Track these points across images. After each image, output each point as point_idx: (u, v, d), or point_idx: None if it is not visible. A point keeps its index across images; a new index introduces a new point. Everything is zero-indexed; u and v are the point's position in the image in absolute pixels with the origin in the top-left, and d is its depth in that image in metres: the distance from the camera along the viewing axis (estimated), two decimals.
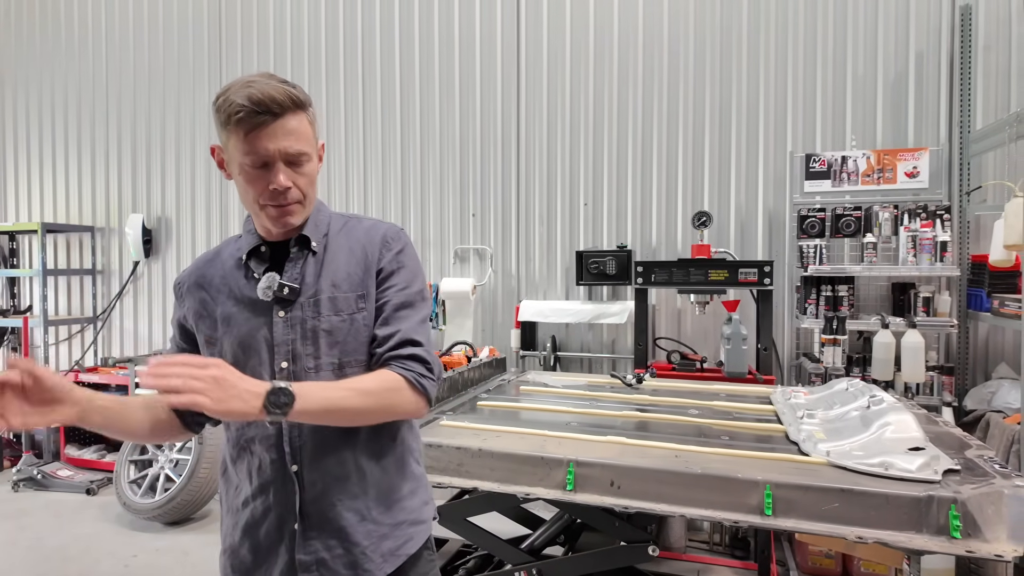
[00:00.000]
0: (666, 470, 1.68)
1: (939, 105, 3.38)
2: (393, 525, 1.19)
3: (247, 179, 1.10)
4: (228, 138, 1.09)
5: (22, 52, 5.30)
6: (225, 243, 1.28)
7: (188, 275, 1.25)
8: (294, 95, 1.09)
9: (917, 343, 2.96)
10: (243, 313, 1.17)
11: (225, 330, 1.17)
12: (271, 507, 1.16)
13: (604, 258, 3.68)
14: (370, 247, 1.21)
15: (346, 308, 1.17)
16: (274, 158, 1.08)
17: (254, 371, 1.12)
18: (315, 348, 1.15)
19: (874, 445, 1.75)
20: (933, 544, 1.45)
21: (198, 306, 1.20)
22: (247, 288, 1.18)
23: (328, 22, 4.50)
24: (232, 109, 1.05)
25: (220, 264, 1.22)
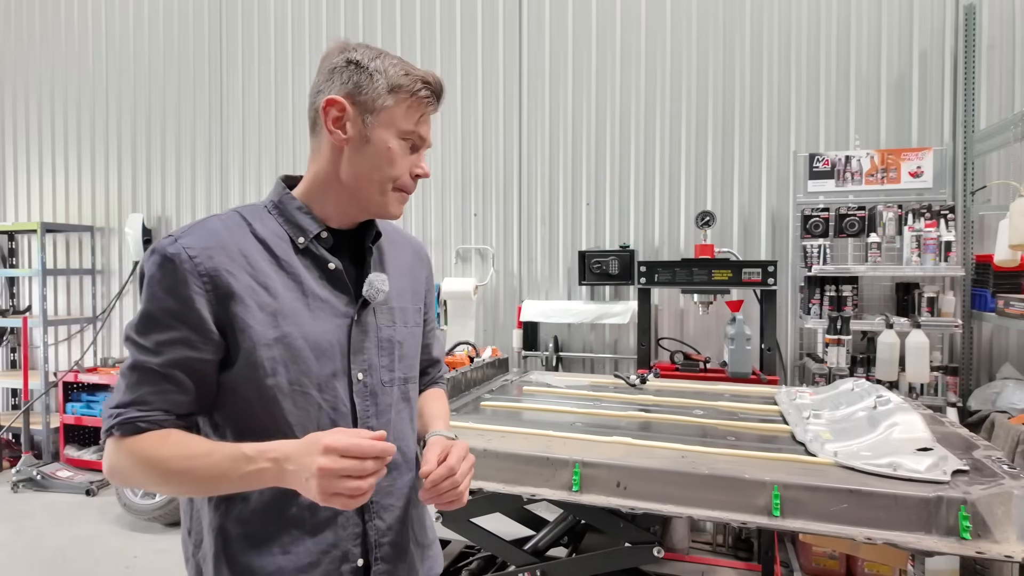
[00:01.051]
0: (673, 471, 1.67)
1: (943, 105, 3.38)
2: (427, 546, 1.17)
3: (397, 153, 0.99)
4: (392, 105, 0.97)
5: (22, 51, 5.29)
6: (248, 214, 1.01)
7: (214, 246, 0.93)
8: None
9: (921, 343, 2.95)
10: (311, 311, 0.98)
11: (289, 329, 0.95)
12: (335, 544, 0.99)
13: (607, 258, 3.67)
14: (418, 262, 1.20)
15: (410, 320, 1.12)
16: (425, 145, 1.04)
17: (327, 382, 0.98)
18: (390, 360, 1.06)
19: (882, 445, 1.74)
20: (942, 545, 1.43)
21: (243, 291, 0.92)
22: (311, 279, 0.99)
23: (329, 20, 4.49)
24: (418, 85, 0.99)
25: (255, 240, 0.97)
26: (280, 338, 0.94)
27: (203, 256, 0.91)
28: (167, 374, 0.91)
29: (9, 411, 5.17)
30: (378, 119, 0.98)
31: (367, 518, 1.02)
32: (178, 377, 0.91)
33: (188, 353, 0.91)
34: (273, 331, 0.94)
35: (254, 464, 0.85)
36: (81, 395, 4.61)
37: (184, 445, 0.90)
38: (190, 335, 0.91)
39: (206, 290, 0.91)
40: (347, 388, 1.01)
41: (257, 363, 0.93)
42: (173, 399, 0.92)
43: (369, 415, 1.03)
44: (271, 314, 0.94)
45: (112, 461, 0.92)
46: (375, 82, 0.98)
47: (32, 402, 4.60)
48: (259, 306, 0.94)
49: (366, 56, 0.99)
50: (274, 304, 0.95)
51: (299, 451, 0.84)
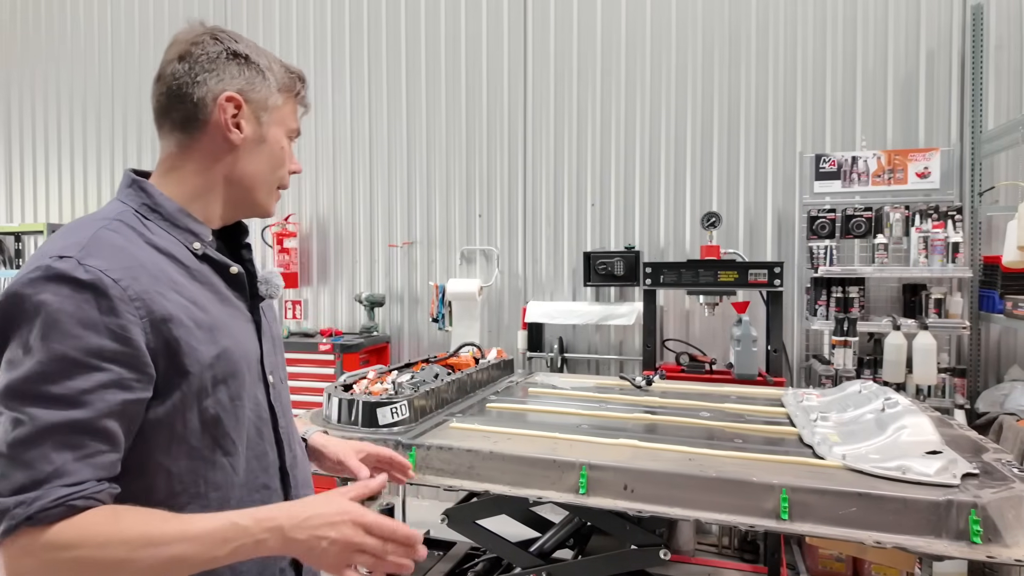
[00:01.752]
0: (680, 473, 1.66)
1: (950, 105, 3.36)
2: None
3: (286, 155, 0.99)
4: (280, 104, 0.96)
5: (28, 53, 5.31)
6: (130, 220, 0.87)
7: (135, 266, 0.80)
8: None
9: (929, 345, 2.93)
10: (234, 319, 0.93)
11: (228, 344, 0.88)
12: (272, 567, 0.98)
13: (612, 259, 3.66)
14: None
15: (277, 317, 1.14)
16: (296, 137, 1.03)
17: (252, 389, 0.94)
18: (281, 358, 1.07)
19: (891, 448, 1.73)
20: (953, 549, 1.43)
21: (179, 312, 0.82)
22: (223, 286, 0.94)
23: (334, 23, 4.49)
24: (298, 84, 0.99)
25: (156, 252, 0.86)
26: (221, 354, 0.86)
27: (128, 279, 0.78)
28: (98, 429, 0.73)
29: None
30: (272, 118, 0.96)
31: None
32: (111, 430, 0.74)
33: (124, 396, 0.75)
34: (214, 347, 0.86)
35: (250, 536, 0.74)
36: None
37: (148, 524, 0.72)
38: (124, 374, 0.75)
39: (140, 317, 0.78)
40: (265, 393, 0.97)
41: (202, 386, 0.84)
42: (104, 460, 0.73)
43: (280, 415, 1.01)
44: (208, 330, 0.86)
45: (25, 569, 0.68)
46: (267, 80, 0.94)
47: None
48: (196, 324, 0.84)
49: (248, 49, 0.94)
50: (207, 319, 0.86)
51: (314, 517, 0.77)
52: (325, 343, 3.85)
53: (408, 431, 1.99)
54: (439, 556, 2.84)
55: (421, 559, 0.81)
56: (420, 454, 1.88)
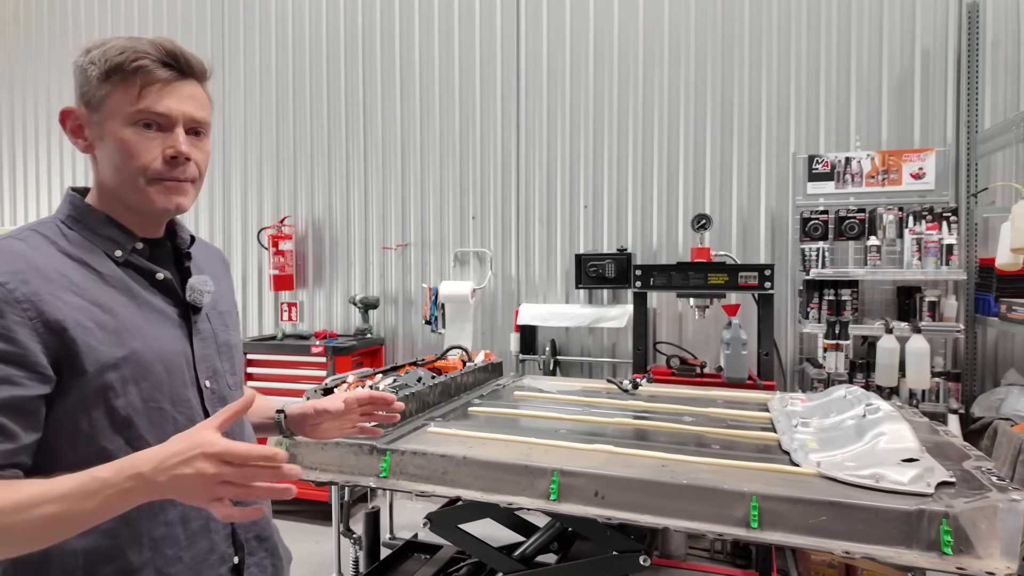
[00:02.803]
0: (651, 480, 1.65)
1: (946, 104, 3.31)
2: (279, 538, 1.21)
3: (131, 143, 0.89)
4: (109, 93, 0.89)
5: (31, 56, 5.38)
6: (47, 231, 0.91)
7: (28, 271, 0.83)
8: (203, 63, 0.97)
9: (922, 348, 2.89)
10: (151, 323, 0.93)
11: (138, 346, 0.89)
12: (213, 548, 0.98)
13: (603, 261, 3.64)
14: (224, 267, 1.20)
15: (234, 324, 1.13)
16: (176, 120, 0.91)
17: (179, 393, 0.94)
18: (231, 364, 1.06)
19: (867, 456, 1.70)
20: (923, 560, 1.40)
21: (76, 315, 0.84)
22: (143, 291, 0.95)
23: (329, 25, 4.51)
24: (129, 56, 0.88)
25: (67, 259, 0.89)
26: (128, 356, 0.88)
27: (16, 281, 0.82)
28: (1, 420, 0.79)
29: None
30: (103, 113, 0.90)
31: None
32: (3, 423, 0.79)
33: (12, 392, 0.79)
34: (119, 350, 0.87)
35: (114, 487, 0.74)
36: None
37: (17, 491, 0.75)
38: (11, 371, 0.79)
39: (29, 318, 0.81)
40: (198, 398, 0.98)
41: (105, 386, 0.86)
42: (7, 448, 0.79)
43: None
44: (113, 332, 0.88)
45: None
46: (89, 75, 0.90)
47: None
48: (98, 326, 0.86)
49: (86, 53, 0.91)
50: (113, 322, 0.88)
51: (170, 458, 0.75)
52: (318, 345, 3.86)
53: (385, 435, 1.99)
54: (424, 560, 2.84)
55: (295, 476, 0.76)
56: (394, 459, 1.88)
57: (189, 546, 0.94)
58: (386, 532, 3.32)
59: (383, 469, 1.87)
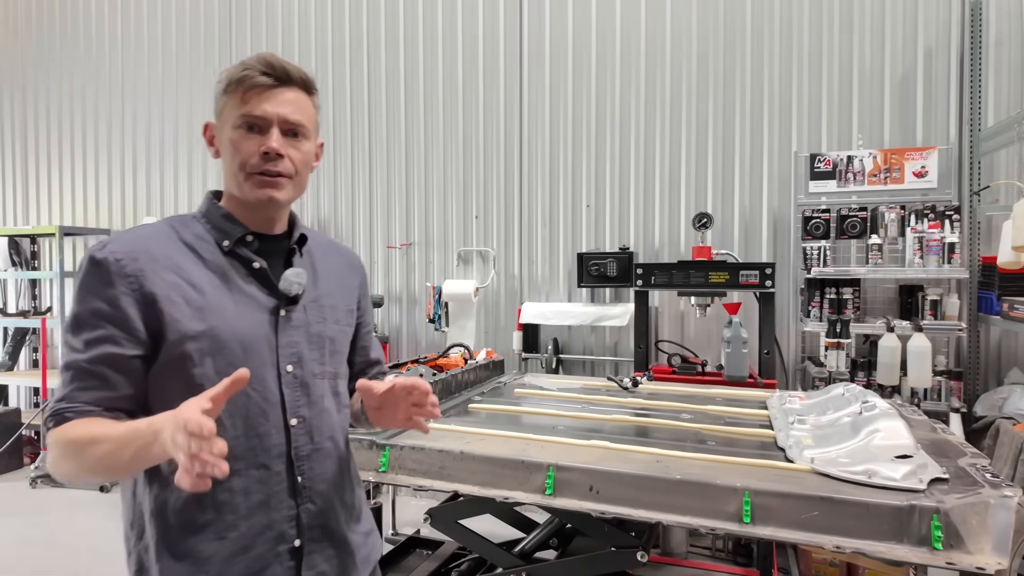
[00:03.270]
0: (645, 475, 1.66)
1: (949, 103, 3.30)
2: (364, 534, 1.21)
3: (235, 141, 1.03)
4: (225, 103, 1.04)
5: (42, 59, 5.47)
6: (175, 222, 1.08)
7: (138, 250, 0.99)
8: (304, 73, 1.08)
9: (923, 347, 2.88)
10: (238, 305, 1.03)
11: (216, 322, 1.00)
12: (269, 525, 1.03)
13: (605, 260, 3.66)
14: (351, 269, 1.26)
15: (341, 318, 1.18)
16: (271, 121, 1.03)
17: (256, 372, 1.00)
18: (320, 354, 1.11)
19: (861, 452, 1.71)
20: (913, 555, 1.41)
21: (169, 290, 0.98)
22: (239, 278, 1.05)
23: (335, 28, 4.55)
24: (238, 70, 1.03)
25: (182, 245, 1.04)
26: (207, 331, 0.99)
27: (128, 259, 0.97)
28: (93, 371, 0.95)
29: (31, 409, 5.34)
30: (221, 121, 1.06)
31: (299, 501, 1.06)
32: (104, 373, 0.95)
33: (113, 350, 0.95)
34: (199, 324, 0.99)
35: (143, 440, 0.85)
36: None
37: (94, 426, 0.92)
38: (115, 332, 0.95)
39: (131, 290, 0.96)
40: (276, 379, 1.05)
41: (185, 354, 0.98)
42: (98, 395, 0.95)
43: (300, 405, 1.08)
44: (198, 309, 0.99)
45: (49, 455, 0.96)
46: (217, 90, 1.07)
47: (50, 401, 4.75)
48: (186, 301, 0.99)
49: (220, 75, 1.06)
50: (200, 300, 1.00)
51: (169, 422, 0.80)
52: None
53: (384, 431, 2.02)
54: (426, 555, 2.87)
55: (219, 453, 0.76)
56: (393, 454, 1.91)
57: (247, 516, 1.01)
58: (388, 528, 3.35)
59: (382, 464, 1.90)
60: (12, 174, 5.62)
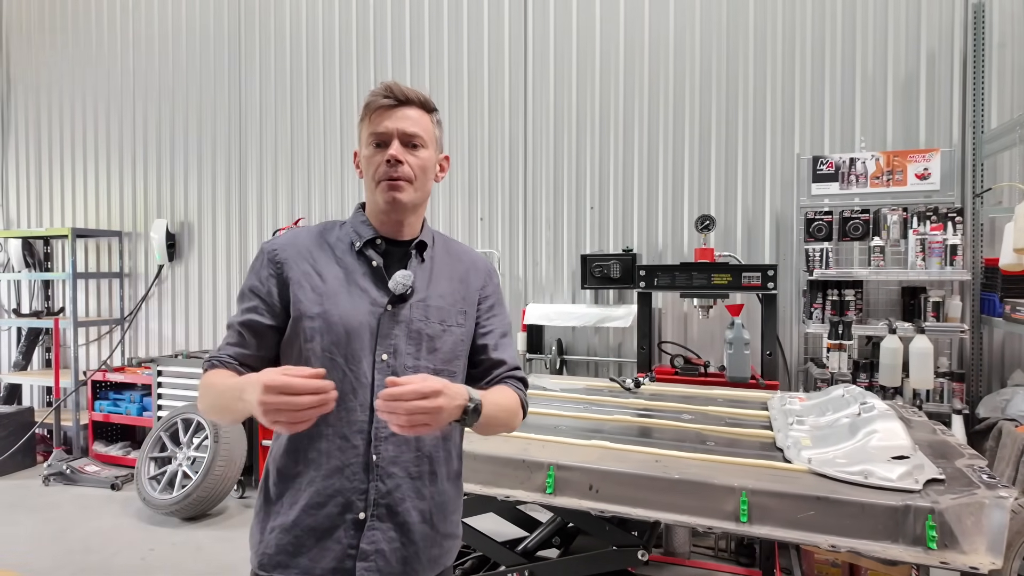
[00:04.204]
0: (644, 475, 1.70)
1: (952, 105, 3.30)
2: (444, 535, 1.25)
3: (368, 157, 1.21)
4: (361, 129, 1.23)
5: (55, 63, 5.55)
6: (328, 225, 1.29)
7: (289, 245, 1.24)
8: (422, 95, 1.23)
9: (925, 349, 2.89)
10: (352, 296, 1.19)
11: (330, 308, 1.17)
12: (340, 491, 1.15)
13: (608, 261, 3.68)
14: (475, 272, 1.33)
15: (448, 319, 1.25)
16: (391, 135, 1.18)
17: (354, 355, 1.16)
18: (416, 349, 1.20)
19: (858, 453, 1.73)
20: (908, 555, 1.43)
21: (301, 277, 1.20)
22: (359, 274, 1.21)
23: (341, 30, 4.60)
24: (367, 99, 1.21)
25: (326, 243, 1.25)
26: (321, 313, 1.17)
27: (280, 249, 1.23)
28: (240, 332, 1.20)
29: (44, 408, 5.43)
30: (360, 144, 1.25)
31: (371, 478, 1.16)
32: (245, 334, 1.20)
33: (254, 317, 1.20)
34: (317, 307, 1.18)
35: (233, 393, 1.05)
36: (109, 393, 4.82)
37: (223, 376, 1.15)
38: (257, 303, 1.20)
39: (278, 273, 1.21)
40: (371, 364, 1.18)
41: (301, 330, 1.18)
42: (239, 351, 1.20)
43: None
44: (319, 294, 1.19)
45: (199, 393, 1.19)
46: (360, 119, 1.25)
47: (63, 400, 4.82)
48: (312, 288, 1.19)
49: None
50: (323, 287, 1.20)
51: (250, 386, 0.98)
52: None
53: None
54: None
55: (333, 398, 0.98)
56: None
57: (325, 477, 1.16)
58: None
59: None
60: (26, 177, 5.71)
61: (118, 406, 4.74)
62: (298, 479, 1.17)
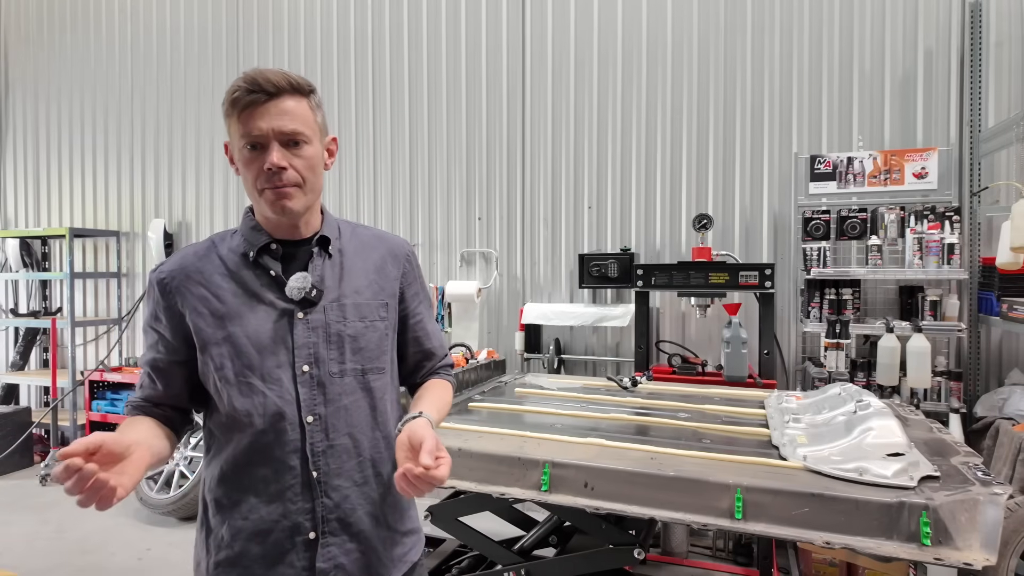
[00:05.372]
0: (639, 472, 1.69)
1: (949, 104, 3.30)
2: (403, 533, 1.22)
3: (244, 162, 1.07)
4: (230, 126, 1.08)
5: (53, 64, 5.56)
6: (217, 238, 1.18)
7: (177, 270, 1.12)
8: (292, 79, 1.07)
9: (922, 348, 2.89)
10: (255, 312, 1.10)
11: (234, 330, 1.08)
12: (285, 515, 1.09)
13: (606, 261, 3.68)
14: (392, 261, 1.24)
15: (370, 315, 1.17)
16: (268, 137, 1.04)
17: (271, 373, 1.08)
18: (339, 353, 1.13)
19: (853, 450, 1.73)
20: (902, 551, 1.43)
21: (196, 303, 1.09)
22: (258, 286, 1.11)
23: (340, 32, 4.61)
24: (229, 91, 1.05)
25: (217, 259, 1.13)
26: (227, 337, 1.09)
27: (169, 277, 1.12)
28: (148, 374, 1.15)
29: (42, 408, 5.42)
30: (232, 142, 1.10)
31: (315, 495, 1.10)
32: (151, 376, 1.14)
33: (155, 356, 1.14)
34: (220, 331, 1.09)
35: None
36: (106, 393, 4.82)
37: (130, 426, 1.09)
38: (157, 341, 1.13)
39: (169, 305, 1.11)
40: (292, 379, 1.10)
41: (209, 359, 1.09)
42: (150, 394, 1.15)
43: (316, 403, 1.12)
44: (219, 317, 1.10)
45: None
46: (223, 113, 1.09)
47: (60, 399, 4.82)
48: (211, 312, 1.10)
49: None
50: (222, 309, 1.10)
51: None
52: None
53: None
54: (428, 552, 2.90)
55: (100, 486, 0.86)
56: None
57: (267, 503, 1.10)
58: None
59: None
60: (24, 176, 5.71)
61: (115, 406, 4.73)
62: (237, 508, 1.10)
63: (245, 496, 1.10)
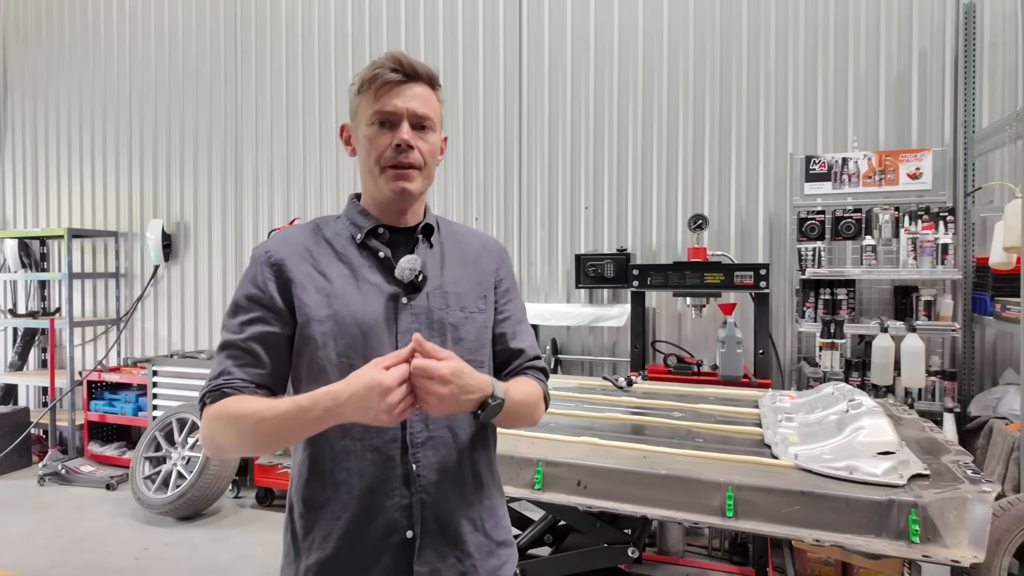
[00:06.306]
0: (631, 470, 1.70)
1: (943, 104, 3.32)
2: (498, 543, 1.14)
3: (370, 138, 1.07)
4: (360, 103, 1.09)
5: (51, 64, 5.56)
6: (321, 222, 1.17)
7: (284, 246, 1.11)
8: (430, 69, 1.11)
9: (917, 347, 2.90)
10: (362, 293, 1.08)
11: (340, 308, 1.06)
12: (380, 511, 1.03)
13: (602, 261, 3.69)
14: (486, 255, 1.22)
15: (469, 305, 1.15)
16: (401, 116, 1.06)
17: (374, 354, 1.00)
18: (441, 341, 1.08)
19: (844, 449, 1.74)
20: (891, 548, 1.44)
21: (302, 278, 1.07)
22: (365, 268, 1.10)
23: (337, 30, 4.62)
24: (369, 70, 1.08)
25: (323, 240, 1.13)
26: (331, 315, 1.06)
27: (275, 251, 1.10)
28: (248, 349, 1.05)
29: (40, 408, 5.43)
30: (357, 120, 1.12)
31: (413, 490, 1.04)
32: (256, 350, 1.05)
33: (264, 328, 1.06)
34: (325, 310, 1.06)
35: (309, 414, 0.93)
36: (104, 393, 4.83)
37: (254, 403, 1.00)
38: (265, 314, 1.07)
39: (276, 277, 1.08)
40: None
41: (311, 336, 1.05)
42: (252, 371, 1.05)
43: None
44: (325, 295, 1.07)
45: (205, 429, 1.03)
46: (352, 91, 1.13)
47: (59, 400, 4.83)
48: (316, 289, 1.07)
49: (358, 75, 1.12)
50: (328, 287, 1.08)
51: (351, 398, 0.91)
52: None
53: None
54: None
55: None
56: None
57: (361, 499, 1.04)
58: None
59: None
60: (22, 177, 5.72)
61: (113, 406, 4.74)
62: (329, 506, 1.05)
63: (337, 493, 1.05)
